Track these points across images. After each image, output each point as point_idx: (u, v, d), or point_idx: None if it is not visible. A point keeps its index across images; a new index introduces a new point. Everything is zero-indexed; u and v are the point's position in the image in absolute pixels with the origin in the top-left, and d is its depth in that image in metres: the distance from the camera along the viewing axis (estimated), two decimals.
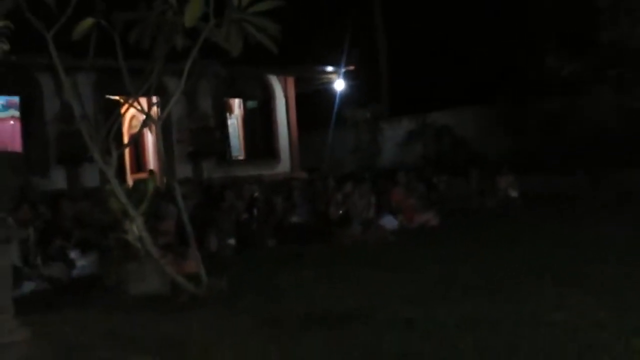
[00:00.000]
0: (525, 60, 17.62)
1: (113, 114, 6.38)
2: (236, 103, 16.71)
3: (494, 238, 8.37)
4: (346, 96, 18.18)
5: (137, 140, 14.19)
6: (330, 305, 5.01)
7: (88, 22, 5.31)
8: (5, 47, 4.49)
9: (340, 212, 9.37)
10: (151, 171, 15.20)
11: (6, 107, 13.59)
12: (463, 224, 10.31)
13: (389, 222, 9.90)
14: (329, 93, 18.23)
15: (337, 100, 18.12)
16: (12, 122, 13.77)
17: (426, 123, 19.46)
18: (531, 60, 17.06)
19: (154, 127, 9.12)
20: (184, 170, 14.15)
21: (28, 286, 6.10)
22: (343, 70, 17.07)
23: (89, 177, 12.22)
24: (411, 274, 6.15)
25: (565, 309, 4.47)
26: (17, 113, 13.40)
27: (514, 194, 12.88)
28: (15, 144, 13.27)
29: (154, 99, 12.37)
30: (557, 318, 4.27)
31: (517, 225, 9.63)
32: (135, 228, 5.65)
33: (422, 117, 19.70)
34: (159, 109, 11.45)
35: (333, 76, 17.25)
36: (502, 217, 11.06)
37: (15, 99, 13.09)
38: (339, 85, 17.40)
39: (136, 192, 5.87)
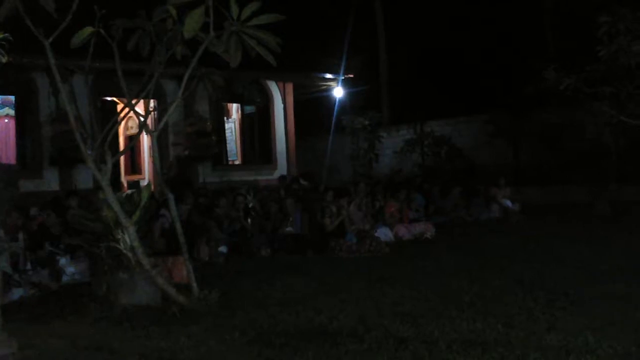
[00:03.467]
0: (523, 73, 17.64)
1: (109, 118, 6.34)
2: (234, 108, 16.67)
3: (490, 252, 8.35)
4: (345, 103, 18.17)
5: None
6: (322, 321, 4.97)
7: (87, 30, 5.27)
8: (4, 59, 4.45)
9: (335, 223, 9.33)
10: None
11: (1, 105, 13.53)
12: (459, 237, 10.29)
13: (384, 234, 9.86)
14: (328, 100, 18.22)
15: (336, 107, 18.10)
16: (6, 120, 13.71)
17: (424, 132, 19.47)
18: (529, 72, 17.08)
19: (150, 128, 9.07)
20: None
21: (17, 292, 6.04)
22: (342, 77, 17.06)
23: (83, 179, 12.15)
24: (405, 288, 6.12)
25: (558, 331, 4.45)
26: (12, 112, 13.34)
27: (511, 206, 12.88)
28: (10, 142, 13.21)
29: (152, 103, 12.34)
30: (550, 341, 4.25)
31: (513, 239, 9.62)
32: (127, 237, 5.59)
33: (420, 125, 19.72)
34: (156, 113, 11.39)
35: (332, 83, 17.24)
36: (499, 229, 11.05)
37: (11, 98, 13.03)
38: (338, 92, 17.39)
39: (129, 202, 5.81)
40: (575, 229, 10.39)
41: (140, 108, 9.18)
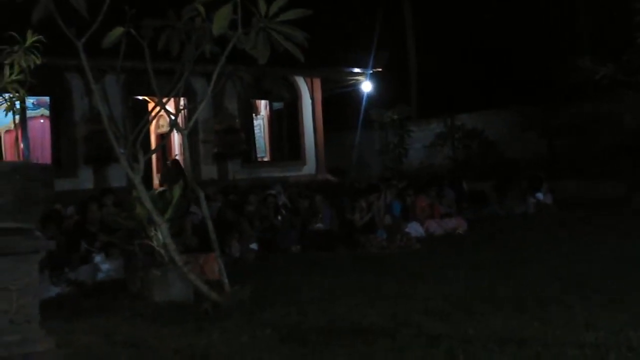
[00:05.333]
0: (556, 63, 17.30)
1: (140, 117, 6.42)
2: (262, 104, 16.72)
3: (524, 247, 8.22)
4: (374, 98, 18.05)
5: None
6: (354, 318, 4.94)
7: (118, 30, 5.33)
8: (38, 60, 4.52)
9: (365, 218, 9.29)
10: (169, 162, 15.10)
11: (36, 106, 13.83)
12: (492, 232, 10.14)
13: (415, 229, 9.79)
14: (356, 94, 18.13)
15: (365, 101, 18.00)
16: (42, 120, 14.01)
17: (455, 125, 19.25)
18: (563, 62, 16.74)
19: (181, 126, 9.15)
20: (209, 171, 14.20)
21: (54, 290, 6.17)
22: (371, 71, 16.94)
23: (116, 177, 12.34)
24: (437, 285, 6.05)
25: (597, 328, 4.34)
26: (47, 112, 13.63)
27: (546, 200, 12.64)
28: (45, 143, 13.49)
29: (182, 101, 12.46)
30: (587, 338, 4.15)
31: (548, 234, 9.45)
32: (160, 234, 5.65)
33: (450, 119, 19.50)
34: (186, 111, 11.50)
35: (361, 77, 17.14)
36: (533, 224, 10.86)
37: (46, 99, 13.31)
38: (367, 86, 17.28)
39: (162, 199, 5.87)
40: (612, 223, 10.14)
41: (170, 106, 9.25)
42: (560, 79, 16.37)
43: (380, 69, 17.12)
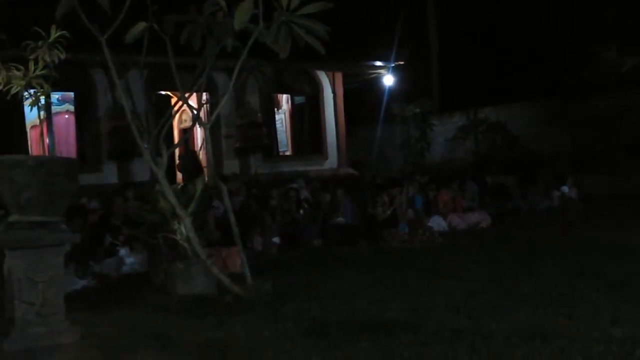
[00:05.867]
0: (581, 55, 17.01)
1: (163, 112, 6.48)
2: (284, 98, 16.73)
3: (548, 242, 8.13)
4: (395, 91, 17.94)
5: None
6: (375, 312, 4.94)
7: (141, 25, 5.37)
8: (62, 55, 4.58)
9: (387, 212, 9.25)
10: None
11: (61, 101, 14.01)
12: (515, 226, 10.05)
13: (437, 223, 9.73)
14: (377, 87, 18.04)
15: (386, 95, 17.90)
16: (66, 116, 14.20)
17: (477, 118, 19.05)
18: (588, 55, 16.46)
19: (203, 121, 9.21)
20: (231, 165, 14.28)
21: (79, 283, 6.26)
22: (393, 65, 16.84)
23: (140, 172, 12.47)
24: (460, 279, 6.01)
25: (623, 323, 4.28)
26: (71, 107, 13.81)
27: (571, 194, 12.46)
28: (70, 137, 13.68)
29: (204, 96, 12.53)
30: (614, 333, 4.09)
31: (573, 229, 9.33)
32: (183, 228, 5.70)
33: (473, 112, 19.29)
34: (208, 105, 11.56)
35: (382, 71, 17.05)
36: (557, 219, 10.72)
37: (70, 94, 13.48)
38: (388, 80, 17.18)
39: (185, 193, 5.92)
40: (637, 218, 9.96)
41: (193, 101, 9.32)
42: (584, 71, 16.10)
43: (402, 62, 17.00)
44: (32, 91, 4.66)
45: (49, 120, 12.19)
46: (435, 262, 7.12)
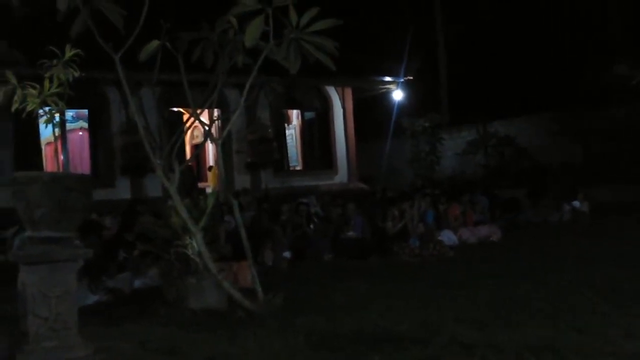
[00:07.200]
0: (589, 68, 17.02)
1: (176, 128, 6.55)
2: (294, 114, 16.85)
3: (559, 255, 8.09)
4: (405, 105, 18.02)
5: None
6: (385, 326, 4.93)
7: (154, 43, 5.47)
8: (76, 73, 4.68)
9: (398, 226, 9.25)
10: (211, 167, 15.48)
11: (75, 118, 14.22)
12: (526, 240, 10.00)
13: (448, 237, 9.71)
14: (387, 103, 18.12)
15: (395, 109, 17.98)
16: (80, 132, 14.40)
17: (487, 132, 19.06)
18: (596, 67, 16.47)
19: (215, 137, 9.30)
20: (242, 180, 14.37)
21: (92, 298, 6.31)
22: (402, 80, 16.92)
23: (152, 187, 12.58)
24: (470, 293, 6.00)
25: (636, 338, 4.24)
26: (85, 124, 14.00)
27: (581, 207, 12.40)
28: (84, 154, 13.85)
29: (215, 112, 12.64)
30: (628, 348, 4.06)
31: (583, 241, 9.27)
32: (195, 243, 5.74)
33: (482, 126, 19.31)
34: (219, 121, 11.66)
35: (392, 86, 17.14)
36: (568, 231, 10.66)
37: (84, 111, 13.67)
38: (398, 95, 17.26)
39: (196, 208, 5.97)
40: None
41: (204, 117, 9.44)
42: (593, 84, 16.10)
43: (411, 77, 17.09)
44: (47, 109, 4.74)
45: (64, 137, 12.36)
46: (446, 276, 7.10)
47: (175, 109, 14.04)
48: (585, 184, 13.24)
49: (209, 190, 14.11)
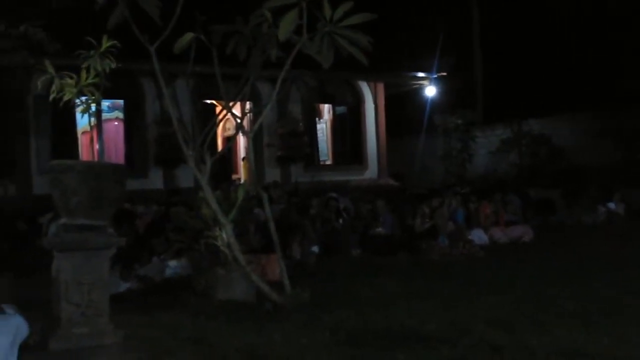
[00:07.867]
0: (630, 67, 16.57)
1: (208, 120, 6.60)
2: (326, 108, 16.83)
3: (594, 257, 7.91)
4: (437, 102, 17.82)
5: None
6: (413, 324, 4.90)
7: (189, 36, 5.52)
8: (112, 64, 4.75)
9: (427, 224, 9.17)
10: (244, 158, 15.55)
11: (111, 108, 14.46)
12: (559, 241, 9.81)
13: (478, 236, 9.59)
14: (419, 98, 17.96)
15: (428, 106, 17.80)
16: (116, 123, 14.64)
17: (522, 131, 18.71)
18: (637, 67, 16.02)
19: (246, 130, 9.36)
20: (272, 174, 14.43)
21: (124, 285, 6.42)
22: (435, 76, 16.75)
23: (184, 178, 12.73)
24: (500, 293, 5.91)
25: None
26: (121, 115, 14.22)
27: (617, 208, 12.10)
28: (119, 144, 14.09)
29: (248, 105, 12.72)
30: None
31: (620, 244, 9.05)
32: (225, 235, 5.79)
33: (517, 124, 18.96)
34: (251, 114, 11.73)
35: (425, 82, 16.98)
36: (603, 233, 10.43)
37: (120, 102, 13.89)
38: (430, 91, 17.09)
39: (227, 200, 6.02)
40: None
41: (237, 110, 9.51)
42: (633, 83, 15.66)
43: (444, 73, 16.90)
44: (83, 98, 4.83)
45: (99, 126, 12.58)
46: (476, 275, 7.01)
47: (208, 101, 14.17)
48: (623, 186, 12.90)
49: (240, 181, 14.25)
